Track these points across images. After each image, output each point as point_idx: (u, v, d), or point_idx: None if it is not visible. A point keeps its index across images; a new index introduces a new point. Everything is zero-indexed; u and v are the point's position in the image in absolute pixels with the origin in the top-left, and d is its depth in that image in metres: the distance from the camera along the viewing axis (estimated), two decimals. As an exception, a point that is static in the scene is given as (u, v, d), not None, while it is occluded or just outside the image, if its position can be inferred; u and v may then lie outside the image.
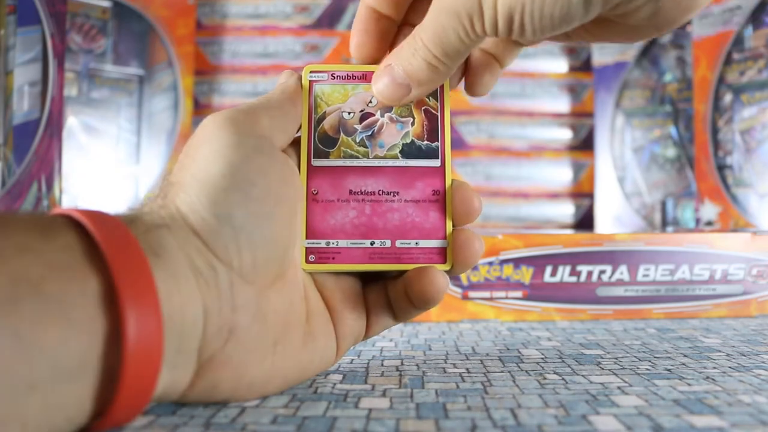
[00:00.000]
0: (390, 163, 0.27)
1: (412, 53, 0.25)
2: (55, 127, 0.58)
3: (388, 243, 0.27)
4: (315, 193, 0.27)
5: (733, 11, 0.67)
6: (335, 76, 0.28)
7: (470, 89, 0.29)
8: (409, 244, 0.27)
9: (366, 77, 0.28)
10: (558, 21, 0.22)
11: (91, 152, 0.73)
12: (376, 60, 0.28)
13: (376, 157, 0.27)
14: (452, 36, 0.23)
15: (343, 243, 0.27)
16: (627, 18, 0.23)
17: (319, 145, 0.27)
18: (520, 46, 0.28)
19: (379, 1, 0.27)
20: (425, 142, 0.27)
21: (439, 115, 0.28)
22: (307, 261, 0.26)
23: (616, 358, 0.31)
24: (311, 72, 0.28)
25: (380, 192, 0.27)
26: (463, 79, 0.29)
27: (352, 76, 0.28)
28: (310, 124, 0.27)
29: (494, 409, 0.23)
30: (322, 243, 0.26)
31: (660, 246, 0.45)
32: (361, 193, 0.27)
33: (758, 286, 0.45)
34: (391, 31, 0.28)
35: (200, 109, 0.81)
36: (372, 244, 0.27)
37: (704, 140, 0.70)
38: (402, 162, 0.27)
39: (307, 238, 0.26)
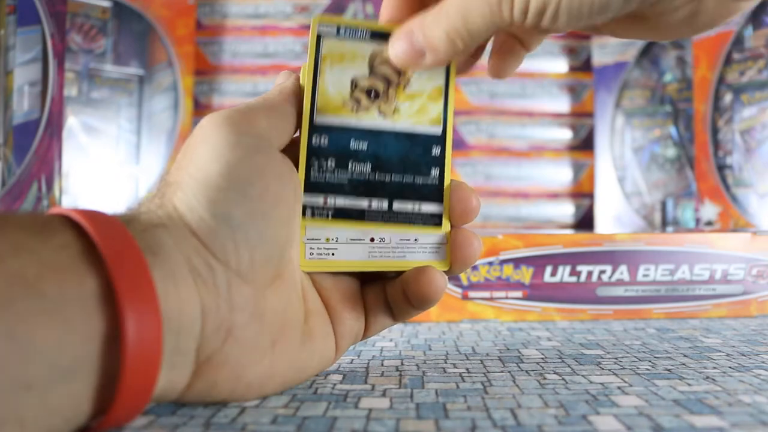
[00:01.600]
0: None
1: (435, 22, 0.24)
2: (55, 127, 0.58)
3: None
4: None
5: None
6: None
7: (493, 71, 0.29)
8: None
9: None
10: (596, 10, 0.22)
11: (91, 152, 0.73)
12: (399, 21, 0.26)
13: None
14: (477, 16, 0.23)
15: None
16: (664, 16, 0.22)
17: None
18: (547, 32, 0.27)
19: None
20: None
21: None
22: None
23: (616, 358, 0.31)
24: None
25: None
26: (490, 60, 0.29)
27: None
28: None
29: (494, 409, 0.23)
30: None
31: (660, 246, 0.45)
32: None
33: (758, 286, 0.45)
34: None
35: (200, 109, 0.81)
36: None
37: (704, 140, 0.70)
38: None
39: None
